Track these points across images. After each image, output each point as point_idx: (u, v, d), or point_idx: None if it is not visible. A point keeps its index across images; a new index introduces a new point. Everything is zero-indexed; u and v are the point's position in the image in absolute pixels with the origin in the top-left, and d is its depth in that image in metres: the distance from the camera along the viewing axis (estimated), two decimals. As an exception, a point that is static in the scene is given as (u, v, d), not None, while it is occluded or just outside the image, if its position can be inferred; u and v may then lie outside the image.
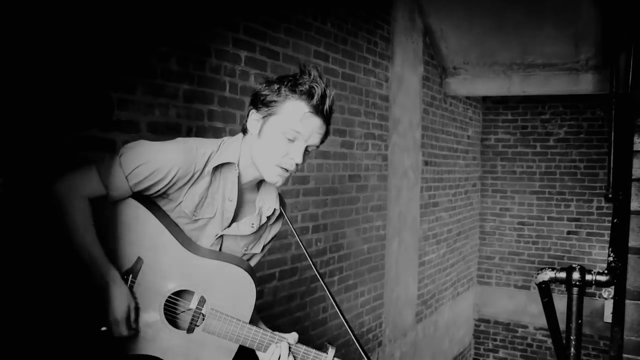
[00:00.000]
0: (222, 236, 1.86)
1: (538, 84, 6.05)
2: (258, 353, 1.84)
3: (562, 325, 2.63)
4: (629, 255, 2.53)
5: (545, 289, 2.52)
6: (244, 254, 1.95)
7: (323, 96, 1.68)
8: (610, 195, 3.95)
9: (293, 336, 1.82)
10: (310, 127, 1.68)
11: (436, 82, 6.23)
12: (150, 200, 1.78)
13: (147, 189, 1.72)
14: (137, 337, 1.78)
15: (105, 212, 1.75)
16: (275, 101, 1.68)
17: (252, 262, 2.00)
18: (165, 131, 2.77)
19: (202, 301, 1.78)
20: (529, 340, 7.83)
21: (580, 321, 2.41)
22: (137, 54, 2.64)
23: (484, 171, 7.98)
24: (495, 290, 7.95)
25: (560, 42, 5.52)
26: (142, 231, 1.75)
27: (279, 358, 1.77)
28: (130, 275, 1.76)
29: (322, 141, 1.75)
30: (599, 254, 7.33)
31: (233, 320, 1.77)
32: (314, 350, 1.83)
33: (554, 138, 7.59)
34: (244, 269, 1.81)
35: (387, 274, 5.18)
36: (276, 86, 1.69)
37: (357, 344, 1.85)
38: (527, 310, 7.73)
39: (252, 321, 1.83)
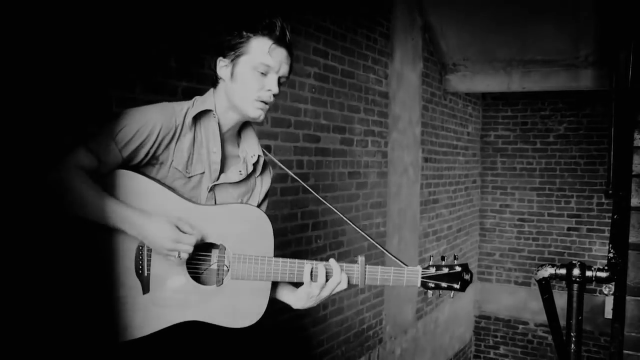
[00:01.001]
0: (214, 189, 1.88)
1: (538, 80, 6.05)
2: (289, 296, 1.92)
3: (563, 322, 2.63)
4: (629, 252, 2.52)
5: (545, 286, 2.51)
6: None
7: (282, 28, 1.83)
8: (610, 192, 3.94)
9: (330, 261, 1.86)
10: (279, 58, 1.80)
11: (436, 78, 6.22)
12: (143, 171, 1.79)
13: (137, 152, 1.74)
14: (169, 306, 1.74)
15: (106, 190, 1.71)
16: (240, 43, 1.79)
17: None
18: (164, 129, 2.76)
19: (222, 249, 1.78)
20: (529, 336, 7.84)
21: (580, 317, 2.41)
22: (136, 51, 2.63)
23: (483, 168, 7.98)
24: (496, 286, 7.95)
25: (560, 38, 5.52)
26: (145, 198, 1.72)
27: (320, 278, 1.81)
28: (145, 246, 1.74)
29: (289, 72, 1.86)
30: (600, 250, 7.33)
31: (258, 258, 1.77)
32: (345, 264, 1.83)
33: (554, 134, 7.59)
34: (254, 206, 1.83)
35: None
36: (236, 32, 1.81)
37: (388, 253, 1.92)
38: (528, 307, 7.73)
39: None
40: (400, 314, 5.55)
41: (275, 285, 1.91)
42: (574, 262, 2.36)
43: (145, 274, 1.74)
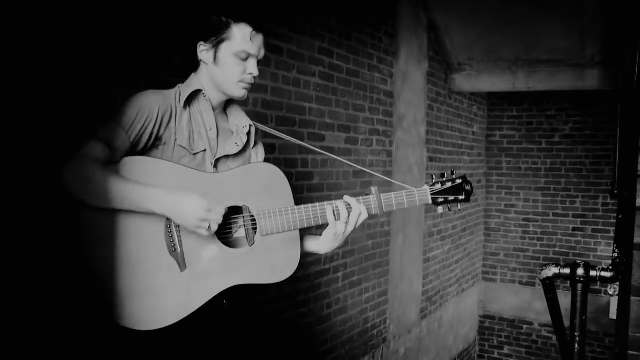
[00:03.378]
0: (217, 164, 1.94)
1: (543, 79, 6.03)
2: (315, 243, 1.98)
3: (567, 322, 2.63)
4: (635, 252, 2.52)
5: (549, 285, 2.51)
6: None
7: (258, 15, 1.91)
8: (616, 192, 3.93)
9: (345, 197, 1.93)
10: (258, 43, 1.93)
11: (441, 78, 6.21)
12: (150, 155, 1.84)
13: (142, 134, 1.79)
14: (209, 277, 1.77)
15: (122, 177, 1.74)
16: (221, 29, 1.89)
17: None
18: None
19: (246, 209, 1.82)
20: (534, 336, 7.82)
21: (584, 317, 2.41)
22: (141, 49, 2.63)
23: (489, 167, 7.97)
24: (500, 286, 7.94)
25: (566, 37, 5.50)
26: (160, 178, 1.74)
27: (342, 214, 1.89)
28: (172, 223, 1.76)
29: (264, 54, 1.98)
30: (605, 251, 7.31)
31: (282, 210, 1.82)
32: (361, 197, 1.92)
33: (560, 134, 7.57)
34: (263, 162, 1.90)
35: (392, 270, 5.17)
36: (215, 17, 1.91)
37: (395, 182, 2.02)
38: (532, 307, 7.71)
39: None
40: (404, 313, 5.55)
41: (301, 237, 1.98)
42: (578, 261, 2.36)
43: (179, 251, 1.75)
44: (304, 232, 2.00)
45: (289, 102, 3.70)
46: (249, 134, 2.05)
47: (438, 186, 1.99)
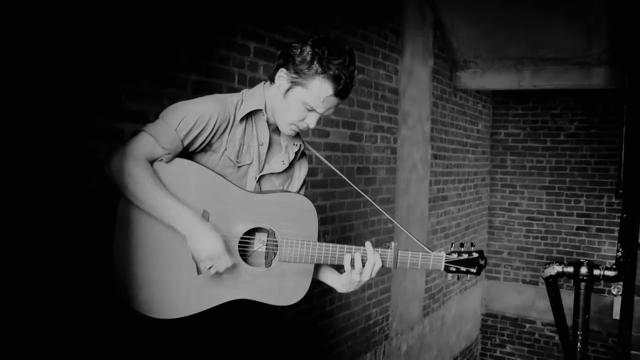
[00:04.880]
0: (260, 179, 1.98)
1: (549, 78, 6.01)
2: (333, 279, 2.06)
3: (570, 321, 2.62)
4: (639, 252, 2.52)
5: (552, 284, 2.51)
6: None
7: (347, 83, 1.86)
8: (620, 191, 3.91)
9: (366, 244, 1.95)
10: (328, 105, 1.90)
11: (446, 75, 6.20)
12: (196, 158, 1.88)
13: (195, 140, 1.82)
14: (221, 285, 1.85)
15: (162, 177, 1.78)
16: (305, 73, 1.84)
17: None
18: (173, 122, 2.77)
19: (271, 233, 1.90)
20: (536, 335, 7.82)
21: (587, 316, 2.40)
22: (145, 44, 2.63)
23: (493, 165, 7.95)
24: (504, 285, 7.93)
25: (572, 35, 5.48)
26: (201, 185, 1.82)
27: (357, 264, 1.92)
28: None
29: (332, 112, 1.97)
30: (609, 250, 7.29)
31: (304, 242, 1.89)
32: (380, 249, 1.97)
33: (565, 133, 7.54)
34: (300, 194, 1.96)
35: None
36: (309, 56, 1.84)
37: (416, 240, 2.13)
38: (535, 306, 7.71)
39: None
40: (406, 310, 5.55)
41: (317, 267, 2.06)
42: (581, 260, 2.36)
43: None
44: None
45: (294, 98, 3.69)
46: (296, 152, 2.08)
47: (454, 256, 2.03)
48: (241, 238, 1.87)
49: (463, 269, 2.03)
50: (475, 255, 2.04)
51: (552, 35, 5.57)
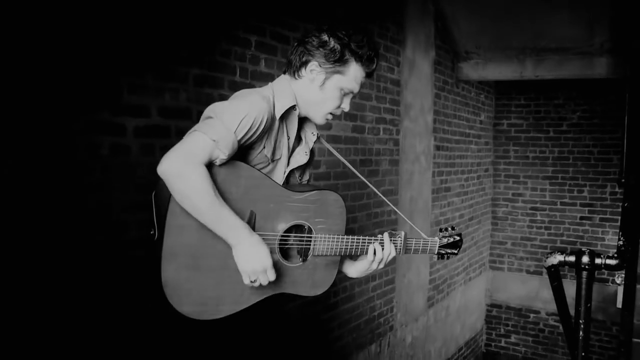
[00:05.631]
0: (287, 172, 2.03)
1: (551, 68, 6.00)
2: (349, 267, 2.19)
3: (573, 311, 2.64)
4: (640, 240, 2.52)
5: (554, 273, 2.52)
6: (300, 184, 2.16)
7: (377, 64, 2.01)
8: (623, 180, 3.92)
9: (384, 235, 2.10)
10: (361, 84, 2.01)
11: (448, 66, 6.19)
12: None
13: (245, 141, 1.81)
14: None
15: (213, 176, 1.73)
16: (340, 61, 1.93)
17: None
18: (175, 115, 2.78)
19: (309, 230, 1.97)
20: (540, 325, 7.84)
21: (589, 305, 2.42)
22: (147, 38, 2.65)
23: (496, 156, 7.95)
24: (508, 275, 7.95)
25: (574, 25, 5.47)
26: (249, 185, 1.84)
27: (383, 252, 2.08)
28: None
29: None
30: (612, 240, 7.29)
31: (335, 237, 2.01)
32: (392, 238, 2.13)
33: (567, 123, 7.54)
34: (334, 192, 2.05)
35: (399, 258, 5.19)
36: (337, 45, 1.92)
37: (416, 228, 2.38)
38: (540, 296, 7.72)
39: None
40: (411, 301, 5.57)
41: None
42: (583, 249, 2.37)
43: None
44: None
45: (296, 91, 3.70)
46: (314, 142, 2.15)
47: (444, 241, 2.27)
48: (281, 235, 1.91)
49: (449, 251, 2.30)
50: (457, 238, 2.31)
51: (554, 25, 5.55)
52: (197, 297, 1.78)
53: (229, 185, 1.78)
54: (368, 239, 2.07)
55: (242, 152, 1.85)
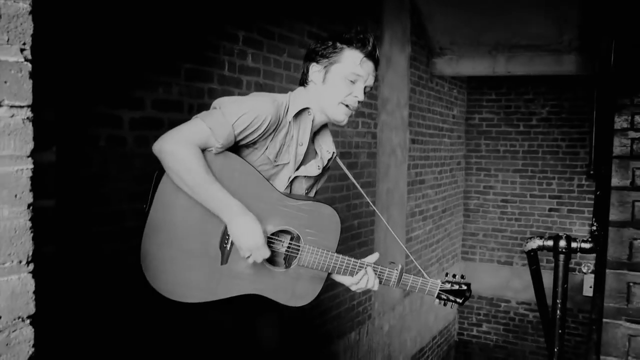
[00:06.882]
0: (293, 179, 2.06)
1: (523, 64, 6.18)
2: (345, 279, 2.09)
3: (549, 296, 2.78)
4: (610, 228, 2.69)
5: (533, 257, 2.67)
6: None
7: (374, 44, 2.02)
8: (592, 172, 4.10)
9: (374, 257, 2.09)
10: (367, 70, 2.01)
11: (423, 62, 6.33)
12: (238, 150, 1.93)
13: (245, 137, 1.87)
14: (241, 279, 1.92)
15: (210, 167, 1.83)
16: (334, 52, 1.99)
17: None
18: (168, 108, 2.86)
19: (297, 238, 1.98)
20: (511, 314, 8.05)
21: (565, 286, 2.57)
22: (143, 35, 2.71)
23: (468, 150, 8.13)
24: (479, 266, 8.14)
25: (545, 23, 5.65)
26: (243, 181, 1.88)
27: (367, 281, 2.05)
28: None
29: (373, 83, 2.08)
30: (580, 230, 7.53)
31: (324, 252, 1.98)
32: (387, 269, 2.09)
33: (537, 117, 7.74)
34: (330, 206, 2.03)
35: (377, 248, 5.31)
36: (329, 41, 2.00)
37: (419, 268, 2.29)
38: (510, 286, 7.93)
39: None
40: (388, 291, 5.70)
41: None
42: (560, 234, 2.52)
43: (227, 249, 1.89)
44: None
45: (280, 84, 3.79)
46: (329, 159, 2.17)
47: (447, 286, 2.17)
48: (269, 238, 1.93)
49: (452, 298, 2.18)
50: (464, 287, 2.19)
51: (527, 23, 5.72)
52: (171, 276, 1.85)
53: (224, 176, 1.83)
54: (360, 264, 2.03)
55: (245, 151, 1.93)
